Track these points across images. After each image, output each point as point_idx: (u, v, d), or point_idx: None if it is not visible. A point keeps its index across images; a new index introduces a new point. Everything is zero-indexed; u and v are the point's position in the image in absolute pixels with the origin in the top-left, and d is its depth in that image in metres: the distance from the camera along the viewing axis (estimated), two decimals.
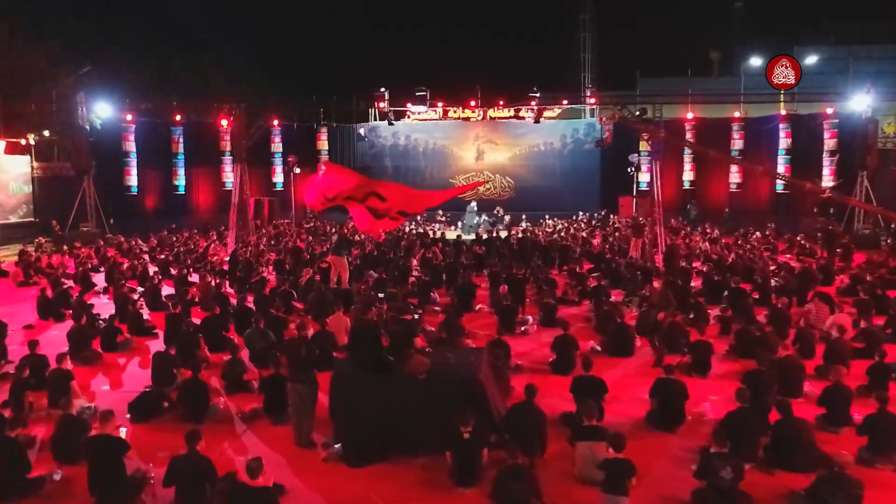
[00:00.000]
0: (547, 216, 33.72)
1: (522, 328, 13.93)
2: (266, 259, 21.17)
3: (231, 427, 9.35)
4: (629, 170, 28.56)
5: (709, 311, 14.27)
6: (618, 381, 10.95)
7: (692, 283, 17.10)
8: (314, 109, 37.78)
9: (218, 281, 17.50)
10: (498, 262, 20.64)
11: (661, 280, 16.70)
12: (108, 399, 10.18)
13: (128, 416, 9.31)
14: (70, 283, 19.20)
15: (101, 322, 13.71)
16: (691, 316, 13.96)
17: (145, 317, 15.19)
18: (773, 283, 16.73)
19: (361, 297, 14.09)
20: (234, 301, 16.29)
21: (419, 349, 8.67)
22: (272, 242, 24.57)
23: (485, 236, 25.73)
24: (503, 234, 28.11)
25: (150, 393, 9.47)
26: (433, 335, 12.16)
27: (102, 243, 24.94)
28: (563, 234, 27.59)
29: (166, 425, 9.20)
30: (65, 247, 26.63)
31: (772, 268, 19.02)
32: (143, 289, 17.80)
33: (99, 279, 20.03)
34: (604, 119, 25.09)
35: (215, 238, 29.40)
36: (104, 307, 16.10)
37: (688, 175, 35.02)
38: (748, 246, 22.91)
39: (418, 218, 33.83)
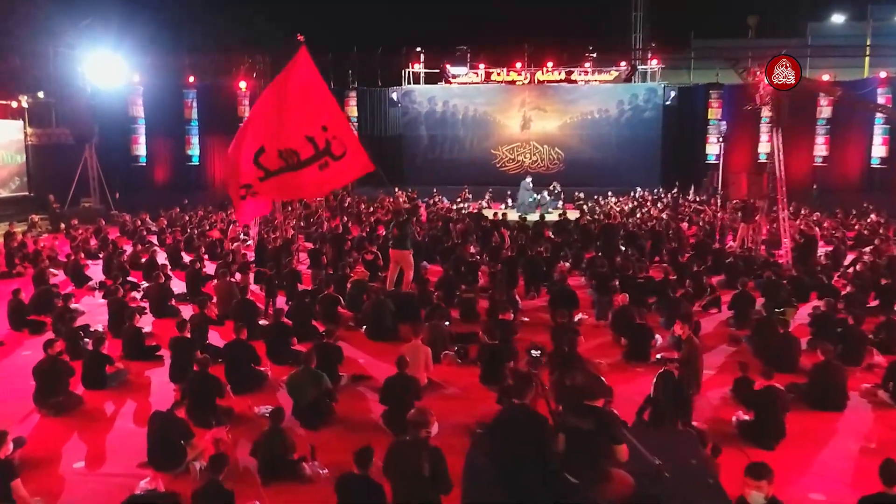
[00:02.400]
0: (610, 193, 29.83)
1: (658, 356, 10.22)
2: (297, 247, 17.51)
3: None
4: (718, 139, 24.45)
5: None
6: None
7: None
8: (341, 71, 33.90)
9: (241, 279, 13.87)
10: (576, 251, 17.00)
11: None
12: (80, 491, 6.63)
13: None
14: (61, 273, 15.81)
15: (85, 343, 10.16)
16: None
17: (147, 329, 11.64)
18: None
19: (433, 327, 10.28)
20: (260, 304, 12.76)
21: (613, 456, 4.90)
22: (302, 224, 20.86)
23: (548, 217, 21.92)
24: (563, 214, 24.24)
25: (145, 501, 5.83)
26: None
27: (103, 223, 21.35)
28: (640, 214, 23.66)
29: None
30: (62, 225, 23.19)
31: None
32: (147, 284, 14.28)
33: (96, 270, 16.50)
34: (746, 77, 20.83)
35: (233, 214, 25.91)
36: (97, 311, 12.57)
37: (764, 146, 30.87)
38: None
39: (467, 195, 30.14)
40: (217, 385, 7.93)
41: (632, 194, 31.21)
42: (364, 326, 11.52)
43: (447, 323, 10.19)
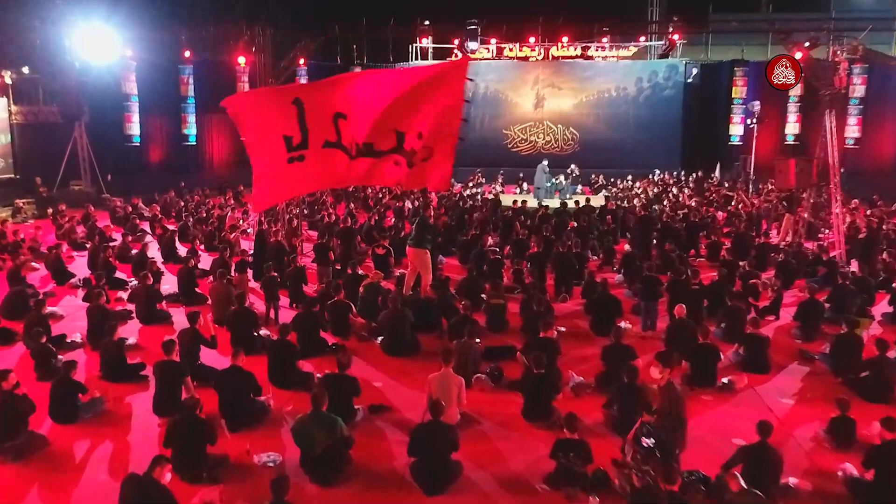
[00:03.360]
0: (630, 177, 28.24)
1: (724, 380, 8.77)
2: (301, 239, 16.04)
3: None
4: (750, 122, 22.78)
5: None
6: None
7: None
8: (346, 45, 32.19)
9: (238, 280, 12.41)
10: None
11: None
12: None
13: None
14: (43, 266, 14.41)
15: (58, 362, 8.74)
16: None
17: (132, 340, 10.20)
18: None
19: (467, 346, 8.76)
20: (261, 308, 11.34)
21: None
22: (305, 212, 19.33)
23: (569, 203, 20.40)
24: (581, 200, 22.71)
25: None
26: None
27: (92, 209, 19.82)
28: (668, 201, 22.10)
29: None
30: (50, 210, 21.69)
31: None
32: (136, 280, 12.85)
33: (82, 263, 15.07)
34: (838, 54, 19.17)
35: (231, 199, 24.39)
36: (78, 314, 11.13)
37: (793, 128, 29.24)
38: None
39: (480, 178, 28.65)
40: (206, 431, 6.50)
41: (651, 177, 29.69)
42: (379, 337, 10.07)
43: (478, 340, 8.74)
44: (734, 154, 30.09)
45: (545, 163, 24.31)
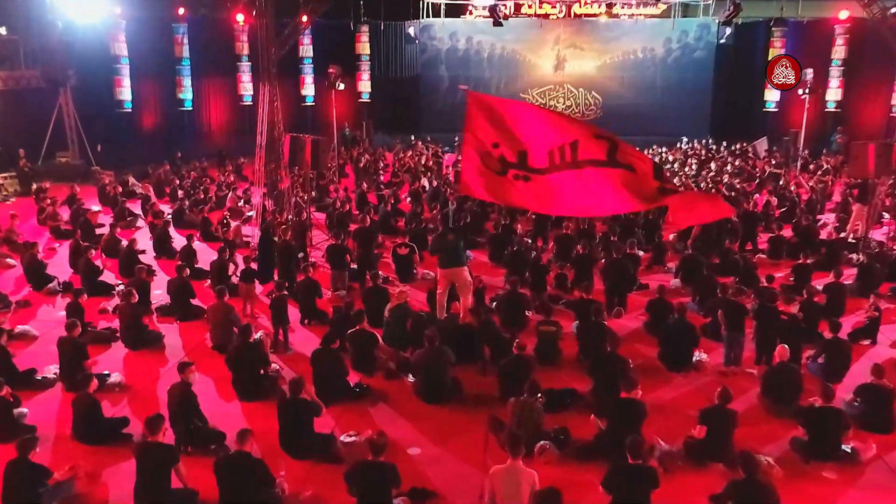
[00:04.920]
0: (655, 146, 26.25)
1: (846, 447, 7.05)
2: (311, 234, 14.25)
3: None
4: (802, 92, 20.64)
5: None
6: None
7: None
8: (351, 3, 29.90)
9: (245, 292, 10.69)
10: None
11: None
12: None
13: None
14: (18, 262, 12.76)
15: (20, 417, 7.09)
16: None
17: (114, 378, 8.50)
18: None
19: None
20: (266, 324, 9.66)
21: None
22: (314, 194, 17.41)
23: None
24: None
25: None
26: None
27: (77, 189, 17.94)
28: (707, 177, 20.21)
29: None
30: (34, 186, 19.86)
31: None
32: (122, 288, 11.13)
33: (62, 259, 13.34)
34: None
35: (231, 173, 22.52)
36: (55, 331, 9.39)
37: (834, 94, 27.10)
38: None
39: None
40: None
41: (679, 146, 27.74)
42: (410, 375, 8.38)
43: (540, 396, 7.04)
44: (768, 122, 28.11)
45: None
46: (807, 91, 20.17)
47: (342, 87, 22.59)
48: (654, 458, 6.71)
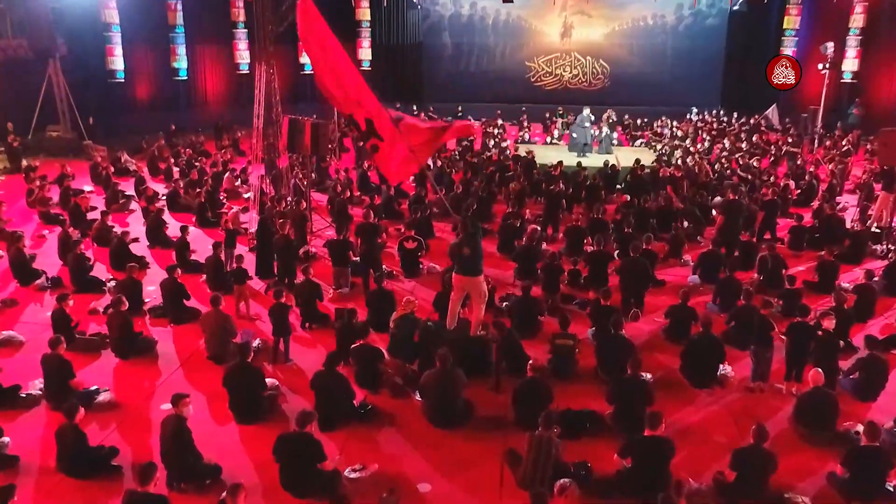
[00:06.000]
0: (664, 117, 25.51)
1: (890, 486, 6.56)
2: (311, 224, 13.64)
3: None
4: (822, 67, 19.80)
5: None
6: None
7: None
8: None
9: (238, 294, 10.14)
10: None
11: None
12: None
13: None
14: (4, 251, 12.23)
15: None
16: None
17: (103, 397, 7.97)
18: None
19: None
20: (267, 336, 9.12)
21: None
22: (314, 176, 16.70)
23: (610, 160, 17.80)
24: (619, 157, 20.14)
25: None
26: None
27: (68, 170, 17.25)
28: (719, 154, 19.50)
29: None
30: (24, 163, 19.18)
31: None
32: (113, 283, 10.63)
33: (51, 249, 12.74)
34: None
35: (229, 148, 21.79)
36: (41, 341, 8.81)
37: (851, 64, 26.17)
38: None
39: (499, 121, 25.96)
40: None
41: (688, 117, 27.00)
42: (418, 393, 7.86)
43: (556, 430, 6.52)
44: (781, 94, 27.21)
45: (586, 112, 21.25)
46: (826, 66, 19.34)
47: None
48: (682, 498, 6.22)
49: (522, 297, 9.57)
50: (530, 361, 7.54)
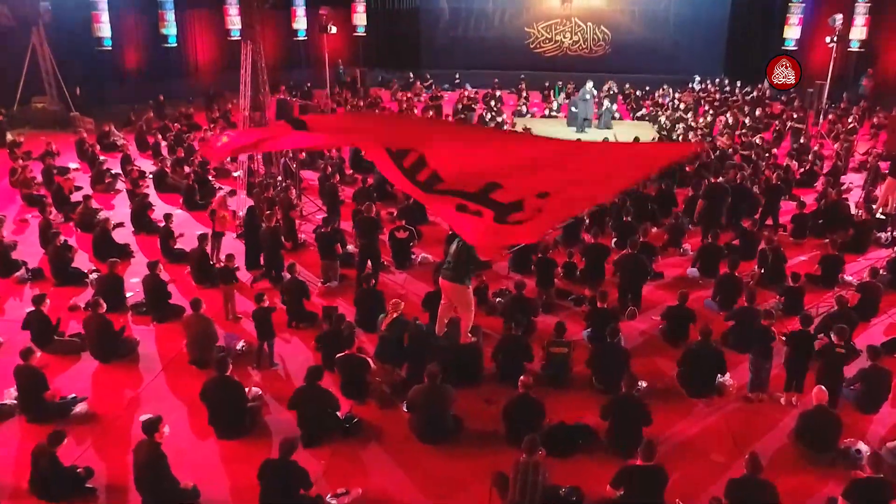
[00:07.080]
0: (665, 85, 24.94)
1: None
2: (300, 209, 13.26)
3: None
4: (829, 40, 19.11)
5: None
6: None
7: None
8: None
9: (225, 293, 9.81)
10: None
11: None
12: None
13: None
14: None
15: None
16: None
17: (80, 408, 7.70)
18: None
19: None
20: (251, 338, 8.82)
21: None
22: (303, 156, 16.22)
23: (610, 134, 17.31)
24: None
25: None
26: None
27: (53, 147, 16.77)
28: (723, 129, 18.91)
29: None
30: (9, 137, 18.66)
31: None
32: (95, 276, 10.34)
33: (33, 234, 12.36)
34: None
35: (220, 119, 21.26)
36: (20, 341, 8.50)
37: (858, 32, 25.37)
38: None
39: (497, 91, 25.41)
40: None
41: (690, 86, 26.39)
42: (405, 405, 7.59)
43: (541, 452, 6.22)
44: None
45: (589, 85, 20.55)
46: (834, 39, 18.71)
47: (334, 30, 21.02)
48: None
49: (516, 297, 9.24)
50: (521, 378, 7.20)
